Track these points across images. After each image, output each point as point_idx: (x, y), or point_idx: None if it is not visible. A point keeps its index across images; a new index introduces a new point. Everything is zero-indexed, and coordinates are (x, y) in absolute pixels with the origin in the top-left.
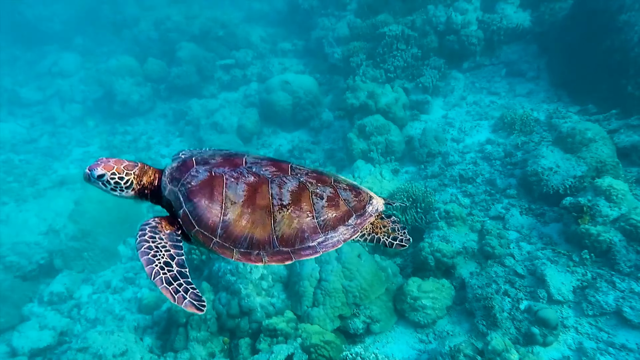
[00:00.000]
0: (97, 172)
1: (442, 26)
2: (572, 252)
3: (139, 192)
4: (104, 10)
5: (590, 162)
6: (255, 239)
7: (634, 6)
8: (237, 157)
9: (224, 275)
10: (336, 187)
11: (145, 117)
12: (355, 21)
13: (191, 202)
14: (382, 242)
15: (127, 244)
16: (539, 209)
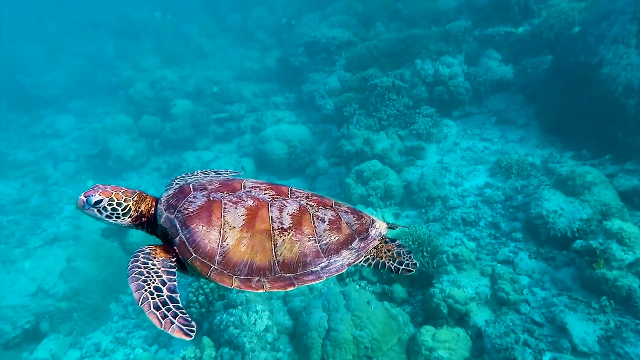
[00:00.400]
0: (94, 198)
1: (431, 78)
2: (590, 299)
3: (135, 220)
4: (99, 75)
5: (595, 205)
6: (256, 265)
7: (613, 60)
8: (235, 181)
9: (227, 328)
10: (337, 210)
11: (139, 171)
12: (345, 75)
13: (188, 229)
14: (388, 267)
15: (119, 301)
16: (548, 253)
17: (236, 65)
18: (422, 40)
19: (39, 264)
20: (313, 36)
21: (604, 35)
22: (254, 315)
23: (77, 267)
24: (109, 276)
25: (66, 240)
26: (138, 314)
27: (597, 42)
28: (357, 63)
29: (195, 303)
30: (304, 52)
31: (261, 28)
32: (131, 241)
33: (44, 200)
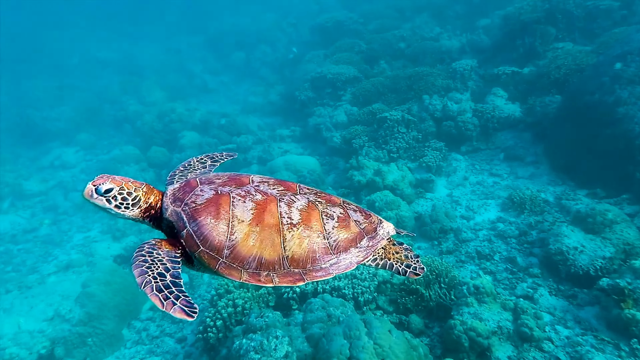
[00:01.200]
0: (104, 186)
1: (439, 113)
2: (618, 341)
3: (144, 212)
4: (105, 109)
5: (617, 243)
6: (265, 259)
7: (630, 100)
8: (243, 176)
9: (247, 354)
10: (346, 208)
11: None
12: (352, 109)
13: (195, 222)
14: (395, 270)
15: (132, 327)
16: (569, 290)
17: (240, 100)
18: (427, 78)
19: (55, 290)
20: (319, 72)
21: (619, 75)
22: (274, 341)
23: (92, 293)
24: (122, 302)
25: (80, 267)
26: (151, 340)
27: (612, 81)
28: (363, 98)
29: (213, 328)
30: (309, 87)
31: (265, 65)
32: None
33: (54, 229)
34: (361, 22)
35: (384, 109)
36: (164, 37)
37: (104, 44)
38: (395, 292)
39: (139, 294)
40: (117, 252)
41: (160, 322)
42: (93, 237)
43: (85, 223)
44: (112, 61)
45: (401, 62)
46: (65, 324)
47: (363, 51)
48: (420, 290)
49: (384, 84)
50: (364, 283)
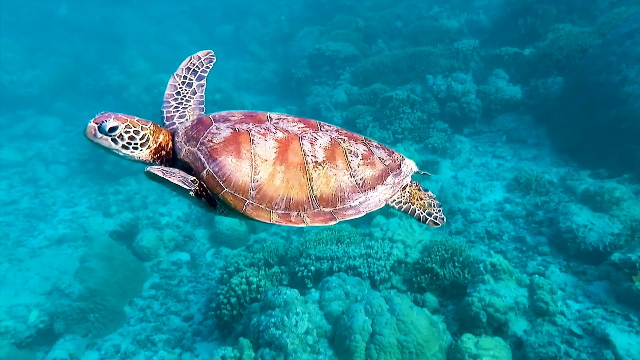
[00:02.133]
0: (108, 124)
1: (443, 94)
2: (627, 312)
3: (154, 153)
4: (82, 78)
5: (625, 220)
6: (293, 199)
7: (637, 79)
8: (260, 113)
9: (267, 329)
10: (369, 145)
11: (137, 177)
12: (352, 89)
13: (215, 162)
14: (417, 215)
15: (134, 304)
16: (578, 267)
17: (230, 76)
18: (429, 57)
19: (51, 263)
20: (317, 48)
21: (626, 53)
22: (294, 317)
23: (92, 268)
24: (123, 279)
25: (75, 241)
26: (156, 318)
27: (619, 60)
28: (362, 77)
29: (227, 305)
30: (307, 64)
31: (254, 40)
32: (141, 245)
33: (36, 203)
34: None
35: (387, 89)
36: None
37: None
38: (409, 271)
39: (141, 271)
40: (112, 228)
41: (164, 300)
42: (81, 213)
43: (71, 198)
44: (87, 25)
45: (399, 42)
46: (65, 298)
47: (361, 29)
48: (435, 269)
49: (385, 63)
50: (380, 262)
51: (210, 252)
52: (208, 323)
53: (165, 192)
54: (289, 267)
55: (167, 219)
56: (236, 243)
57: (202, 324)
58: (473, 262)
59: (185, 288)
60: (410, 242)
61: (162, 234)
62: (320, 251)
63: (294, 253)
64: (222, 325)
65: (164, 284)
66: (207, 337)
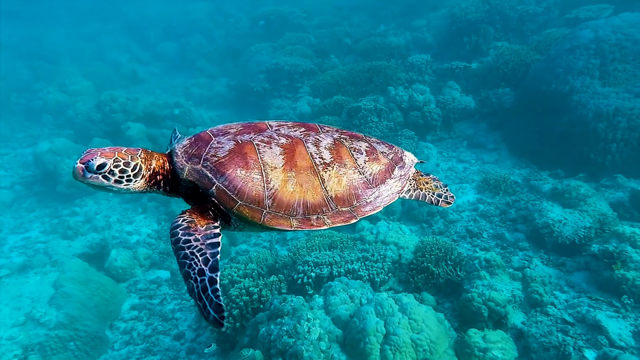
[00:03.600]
0: (95, 162)
1: (406, 104)
2: (610, 299)
3: (149, 180)
4: (12, 99)
5: (593, 214)
6: (310, 203)
7: (582, 89)
8: (259, 123)
9: (279, 338)
10: (369, 141)
11: (94, 196)
12: (315, 100)
13: (224, 176)
14: (428, 199)
15: (115, 328)
16: (557, 259)
17: (179, 92)
18: (386, 71)
19: (20, 292)
20: (275, 63)
21: (571, 67)
22: (306, 324)
23: (69, 292)
24: (101, 302)
25: (42, 267)
26: (144, 339)
27: (566, 73)
28: (323, 90)
29: (229, 317)
30: (265, 79)
31: (202, 56)
32: (115, 265)
33: None
34: (304, 16)
35: (350, 100)
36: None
37: None
38: (404, 272)
39: (118, 292)
40: (80, 251)
41: (149, 320)
42: (35, 238)
43: (20, 223)
44: (9, 44)
45: (351, 57)
46: (41, 328)
47: (313, 44)
48: (430, 268)
49: (343, 76)
50: (377, 264)
51: None
52: (201, 340)
53: (129, 211)
54: (285, 276)
55: (135, 237)
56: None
57: (195, 341)
58: (467, 260)
59: (170, 306)
60: (402, 243)
61: (136, 253)
62: (317, 257)
63: (286, 261)
64: (223, 339)
65: (146, 303)
66: (204, 354)
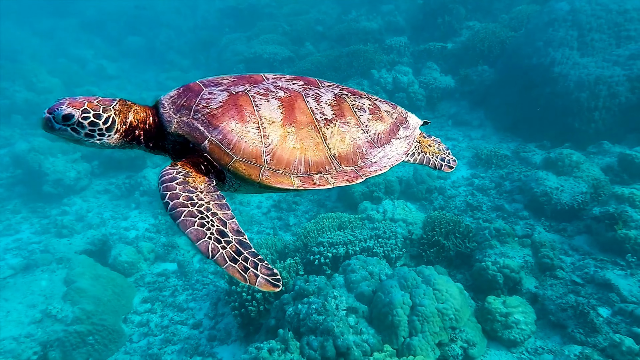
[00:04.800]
0: (62, 111)
1: (390, 85)
2: (614, 258)
3: (126, 135)
4: None
5: (587, 179)
6: (312, 160)
7: (562, 60)
8: (254, 75)
9: (309, 316)
10: (372, 99)
11: (83, 195)
12: None
13: (217, 129)
14: (432, 164)
15: (130, 321)
16: (558, 225)
17: (152, 86)
18: (366, 55)
19: (32, 290)
20: (253, 52)
21: (551, 39)
22: (333, 301)
23: (82, 288)
24: (114, 296)
25: (48, 265)
26: (162, 330)
27: (546, 45)
28: None
29: (252, 301)
30: (244, 68)
31: (172, 49)
32: (121, 260)
33: None
34: (274, 5)
35: None
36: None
37: None
38: (415, 247)
39: (127, 287)
40: (82, 247)
41: (164, 311)
42: (28, 239)
43: (7, 225)
44: None
45: (326, 44)
46: (58, 324)
47: (287, 33)
48: (441, 242)
49: (323, 62)
50: (390, 241)
51: (196, 259)
52: (220, 327)
53: (121, 207)
54: (300, 258)
55: (133, 232)
56: None
57: (214, 328)
58: (476, 231)
59: (182, 297)
60: (411, 220)
61: (140, 247)
62: (331, 237)
63: (297, 245)
64: (247, 323)
65: (157, 296)
66: (225, 340)
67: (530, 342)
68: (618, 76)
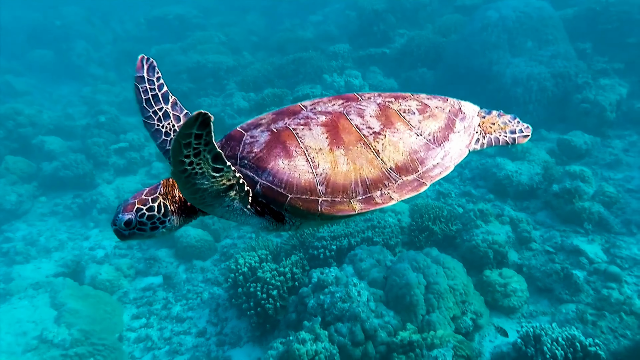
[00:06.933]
0: (122, 220)
1: (343, 89)
2: (574, 227)
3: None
4: None
5: (539, 162)
6: (369, 179)
7: (499, 60)
8: (291, 106)
9: (334, 305)
10: (418, 98)
11: (25, 219)
12: (249, 95)
13: (266, 171)
14: (502, 141)
15: (126, 339)
16: (522, 204)
17: (75, 101)
18: (311, 61)
19: (18, 317)
20: (196, 62)
21: (486, 42)
22: (354, 289)
23: (74, 309)
24: (105, 315)
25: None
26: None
27: (483, 48)
28: (253, 85)
29: (268, 299)
30: (187, 78)
31: (92, 62)
32: (101, 279)
33: None
34: (202, 16)
35: (286, 92)
36: None
37: None
38: (406, 234)
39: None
40: (54, 270)
41: (161, 324)
42: None
43: None
44: None
45: (265, 53)
46: (55, 349)
47: (225, 42)
48: (430, 226)
49: (269, 70)
50: (387, 230)
51: (181, 269)
52: (227, 331)
53: (76, 227)
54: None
55: (101, 252)
56: (207, 253)
57: (221, 333)
58: (463, 213)
59: (177, 308)
60: (398, 209)
61: (118, 264)
62: (333, 231)
63: (293, 243)
64: (263, 322)
65: (147, 311)
66: (237, 343)
67: (524, 308)
68: (544, 73)
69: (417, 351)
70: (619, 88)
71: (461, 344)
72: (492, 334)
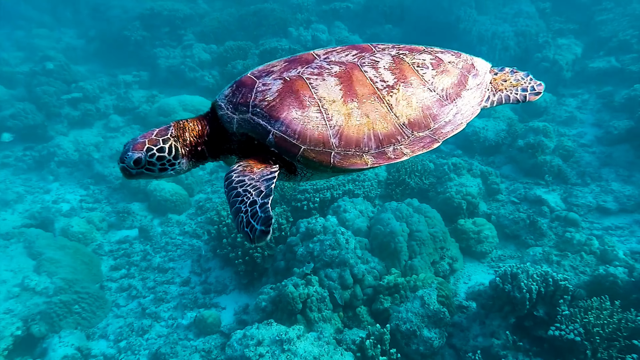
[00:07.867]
0: (131, 158)
1: (310, 43)
2: (535, 180)
3: (193, 155)
4: None
5: (504, 119)
6: (382, 134)
7: (465, 17)
8: (304, 54)
9: (323, 252)
10: (432, 52)
11: None
12: (211, 47)
13: (279, 121)
14: (513, 99)
15: (107, 289)
16: (488, 159)
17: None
18: (274, 14)
19: None
20: (149, 8)
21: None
22: (342, 237)
23: (56, 258)
24: (84, 265)
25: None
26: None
27: (450, 5)
28: (213, 36)
29: (257, 248)
30: (140, 26)
31: (28, 3)
32: (73, 231)
33: None
34: None
35: (250, 45)
36: None
37: None
38: (382, 188)
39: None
40: (20, 222)
41: (143, 274)
42: None
43: None
44: None
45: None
46: (38, 296)
47: None
48: (406, 180)
49: (229, 21)
50: (366, 183)
51: (156, 222)
52: (211, 280)
53: (34, 180)
54: (291, 203)
55: (66, 205)
56: (182, 207)
57: (205, 282)
58: (437, 167)
59: (157, 259)
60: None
61: (90, 217)
62: (314, 184)
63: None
64: (251, 270)
65: (126, 262)
66: (223, 290)
67: (494, 253)
68: (508, 32)
69: (402, 292)
70: (575, 48)
71: (441, 285)
72: (465, 277)
